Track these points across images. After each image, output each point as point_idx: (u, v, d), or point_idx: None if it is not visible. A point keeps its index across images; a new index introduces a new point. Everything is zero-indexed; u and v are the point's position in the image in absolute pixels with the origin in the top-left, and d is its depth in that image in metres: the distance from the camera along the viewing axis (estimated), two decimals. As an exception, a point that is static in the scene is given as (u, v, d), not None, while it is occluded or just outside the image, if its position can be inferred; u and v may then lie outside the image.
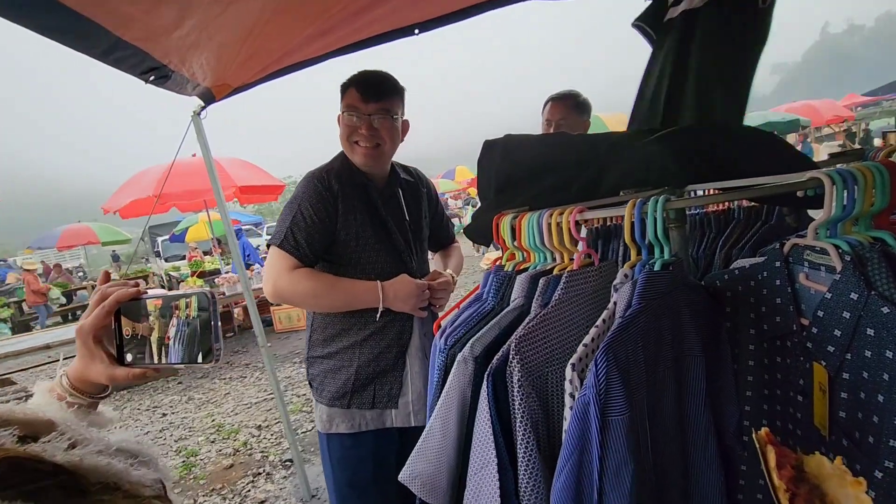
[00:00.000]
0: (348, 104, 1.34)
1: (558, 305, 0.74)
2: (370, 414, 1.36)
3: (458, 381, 0.74)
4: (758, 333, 0.79)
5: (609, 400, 0.57)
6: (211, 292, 0.55)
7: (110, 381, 0.57)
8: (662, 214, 0.70)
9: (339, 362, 1.36)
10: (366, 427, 1.37)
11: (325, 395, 1.38)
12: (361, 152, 1.36)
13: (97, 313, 0.56)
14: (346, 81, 1.37)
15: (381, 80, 1.37)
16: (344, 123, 1.36)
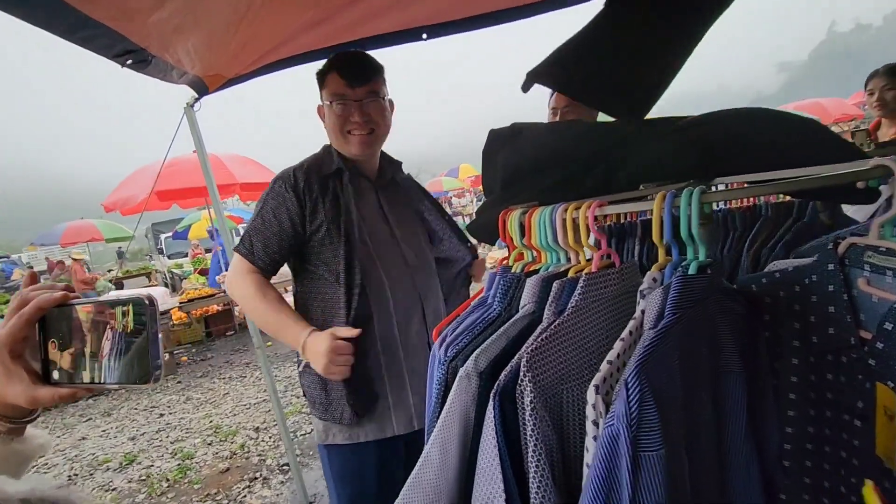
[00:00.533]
0: (334, 92, 1.24)
1: (575, 313, 0.64)
2: (368, 425, 1.25)
3: (460, 399, 0.65)
4: (804, 346, 0.69)
5: (642, 432, 0.47)
6: (150, 297, 0.46)
7: (31, 404, 0.48)
8: (698, 209, 0.60)
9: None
10: (364, 438, 1.25)
11: (317, 406, 1.27)
12: (358, 141, 1.26)
13: (14, 323, 0.47)
14: (323, 68, 1.27)
15: (363, 60, 1.28)
16: (333, 114, 1.25)
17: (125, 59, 1.24)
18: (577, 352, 0.63)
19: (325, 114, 1.29)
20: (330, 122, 1.27)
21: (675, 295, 0.56)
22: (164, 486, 2.86)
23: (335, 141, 1.29)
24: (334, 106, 1.24)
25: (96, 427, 3.97)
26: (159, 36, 1.24)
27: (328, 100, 1.25)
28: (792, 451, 0.73)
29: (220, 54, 1.78)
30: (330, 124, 1.27)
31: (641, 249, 1.24)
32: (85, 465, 3.32)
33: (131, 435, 3.70)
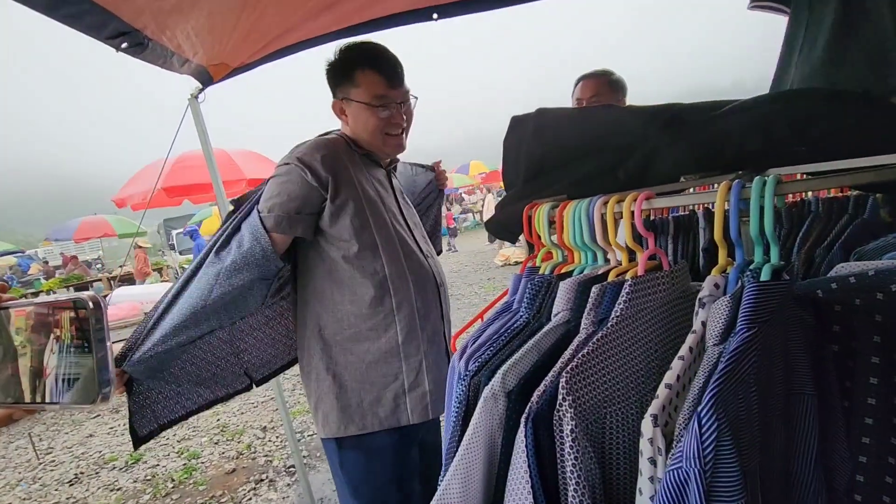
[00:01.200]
0: (375, 94, 1.15)
1: (620, 324, 0.55)
2: (382, 413, 1.17)
3: (485, 424, 0.56)
4: (885, 364, 0.59)
5: (718, 478, 0.38)
6: (95, 298, 0.37)
7: None
8: (772, 201, 0.51)
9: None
10: (380, 426, 1.17)
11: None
12: (396, 143, 1.23)
13: None
14: (348, 62, 1.16)
15: (396, 59, 1.19)
16: (375, 116, 1.16)
17: (119, 41, 1.16)
18: (624, 369, 0.54)
19: (354, 112, 1.19)
20: (368, 124, 1.18)
21: (750, 305, 0.46)
22: (169, 487, 2.81)
23: (369, 140, 1.21)
24: (377, 109, 1.16)
25: (104, 424, 3.94)
26: (154, 16, 1.16)
27: (366, 100, 1.15)
28: (866, 484, 0.63)
29: (225, 41, 1.70)
30: (367, 125, 1.18)
31: (675, 249, 1.14)
32: (91, 463, 3.28)
33: (138, 433, 3.67)
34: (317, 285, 1.18)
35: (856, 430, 0.62)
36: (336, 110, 1.22)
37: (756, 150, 0.78)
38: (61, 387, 0.38)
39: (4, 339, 0.40)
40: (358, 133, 1.21)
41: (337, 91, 1.20)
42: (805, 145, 0.74)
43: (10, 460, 3.46)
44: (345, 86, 1.17)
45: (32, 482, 3.11)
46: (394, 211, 1.25)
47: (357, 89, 1.16)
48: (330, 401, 1.17)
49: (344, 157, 1.18)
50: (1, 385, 0.40)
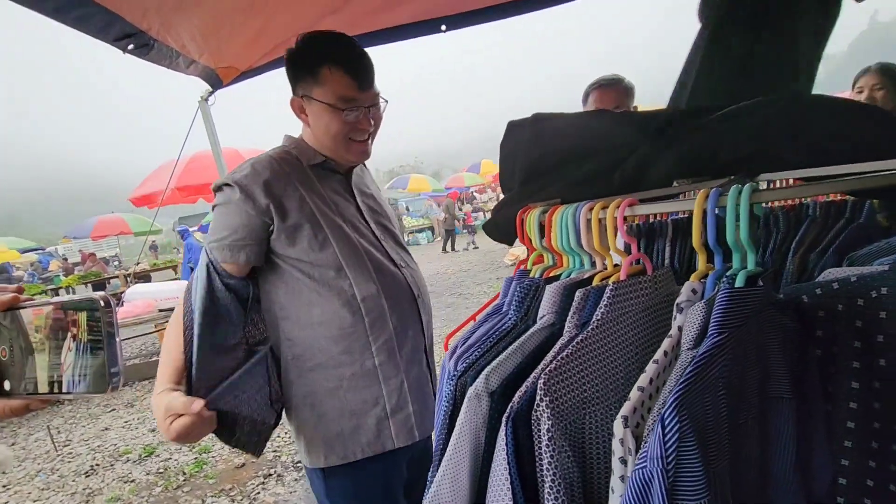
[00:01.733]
0: (341, 95, 1.04)
1: (601, 328, 0.56)
2: (365, 439, 1.09)
3: (470, 421, 0.58)
4: (866, 368, 0.60)
5: (682, 478, 0.40)
6: (106, 298, 0.41)
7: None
8: (747, 209, 0.52)
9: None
10: (363, 454, 1.09)
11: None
12: (360, 149, 1.13)
13: None
14: (310, 58, 1.04)
15: (367, 57, 1.09)
16: (338, 119, 1.06)
17: (126, 43, 1.20)
18: (603, 372, 0.56)
19: (316, 113, 1.07)
20: (331, 127, 1.07)
21: (722, 311, 0.48)
22: (181, 480, 2.88)
23: (331, 145, 1.10)
24: (343, 112, 1.05)
25: (119, 418, 4.04)
26: (158, 14, 1.19)
27: (330, 101, 1.04)
28: (848, 486, 0.64)
29: (231, 43, 1.74)
30: (330, 129, 1.07)
31: (672, 252, 1.15)
32: (107, 455, 3.37)
33: (152, 427, 3.75)
34: (284, 310, 1.08)
35: (837, 433, 0.63)
36: (295, 108, 1.10)
37: (749, 155, 0.78)
38: (75, 378, 0.42)
39: (23, 335, 0.44)
40: (319, 136, 1.10)
41: (297, 87, 1.08)
42: (798, 151, 0.74)
43: (30, 451, 3.57)
44: (306, 82, 1.05)
45: (51, 473, 3.20)
46: (355, 223, 1.14)
47: (321, 88, 1.04)
48: (310, 431, 1.09)
49: (292, 175, 1.08)
50: (19, 378, 0.44)
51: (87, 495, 2.87)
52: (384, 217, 1.25)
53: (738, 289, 0.50)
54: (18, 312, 0.44)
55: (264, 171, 1.04)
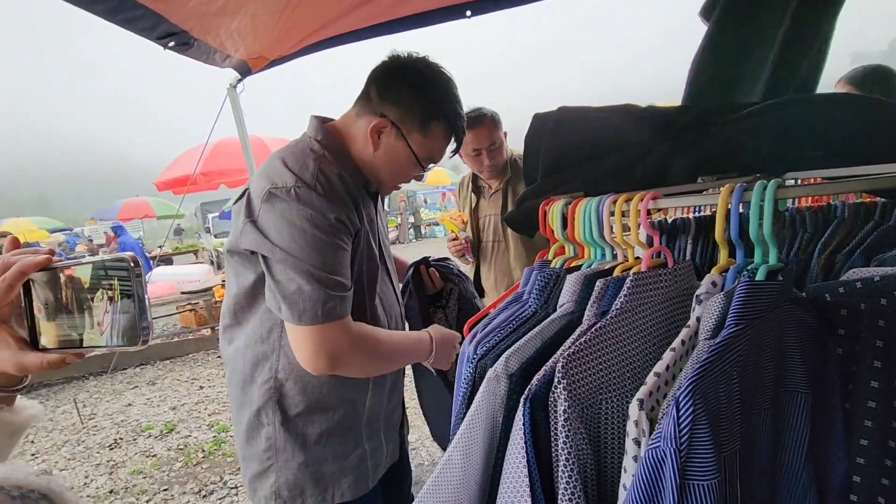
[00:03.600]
0: (431, 157, 1.02)
1: (620, 316, 0.58)
2: (345, 480, 1.00)
3: (487, 402, 0.60)
4: (886, 368, 0.60)
5: (693, 458, 0.41)
6: (134, 258, 0.44)
7: (19, 371, 0.47)
8: (771, 205, 0.53)
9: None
10: (341, 498, 1.00)
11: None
12: (394, 189, 1.10)
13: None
14: (445, 111, 0.98)
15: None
16: (411, 174, 1.04)
17: (167, 41, 1.25)
18: (620, 360, 0.57)
19: (393, 152, 0.97)
20: (397, 173, 1.02)
21: (740, 303, 0.49)
22: (200, 457, 2.97)
23: (380, 180, 1.02)
24: (422, 168, 1.02)
25: (142, 395, 4.18)
26: (199, 18, 1.24)
27: (421, 155, 0.98)
28: (863, 484, 0.64)
29: (265, 38, 1.78)
30: (395, 173, 1.01)
31: (694, 249, 1.15)
32: (129, 430, 3.49)
33: (173, 405, 3.87)
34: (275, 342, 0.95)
35: (855, 432, 0.63)
36: (373, 130, 0.95)
37: (773, 153, 0.78)
38: (109, 333, 0.45)
39: (56, 293, 0.47)
40: (376, 168, 0.99)
41: (392, 110, 0.95)
42: (822, 150, 0.74)
43: (57, 423, 3.71)
44: (411, 120, 0.95)
45: (77, 444, 3.33)
46: (375, 257, 1.03)
47: (422, 138, 0.96)
48: (284, 474, 0.97)
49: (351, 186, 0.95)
50: (54, 334, 0.47)
51: (110, 467, 2.98)
52: (385, 234, 1.16)
53: (758, 282, 0.50)
54: (53, 272, 0.47)
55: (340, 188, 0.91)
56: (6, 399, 0.49)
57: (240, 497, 2.52)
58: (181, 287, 5.32)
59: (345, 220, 0.88)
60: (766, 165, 0.78)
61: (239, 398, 1.01)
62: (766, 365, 0.53)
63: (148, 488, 2.69)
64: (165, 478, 2.79)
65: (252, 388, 0.98)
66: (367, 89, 0.98)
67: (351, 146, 0.99)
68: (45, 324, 0.47)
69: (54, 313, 0.47)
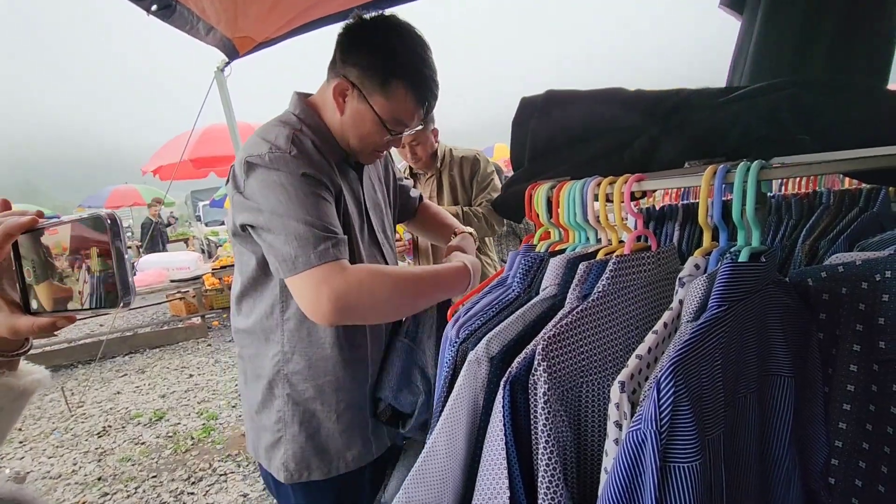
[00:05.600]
0: (398, 118, 0.96)
1: (602, 299, 0.57)
2: (348, 452, 1.01)
3: (468, 386, 0.59)
4: (866, 351, 0.61)
5: (674, 440, 0.41)
6: (112, 216, 0.42)
7: (12, 334, 0.46)
8: (755, 187, 0.52)
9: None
10: (346, 468, 1.01)
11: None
12: (376, 158, 1.07)
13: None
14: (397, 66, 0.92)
15: (438, 83, 0.99)
16: (378, 135, 0.98)
17: (149, 3, 1.21)
18: (602, 343, 0.57)
19: (358, 115, 0.95)
20: (367, 138, 0.98)
21: (723, 284, 0.48)
22: (189, 444, 2.96)
23: (352, 145, 0.99)
24: (390, 133, 0.97)
25: (130, 383, 4.15)
26: None
27: (385, 116, 0.94)
28: (840, 467, 0.65)
29: (248, 13, 1.74)
30: (364, 138, 0.98)
31: (681, 235, 1.15)
32: (118, 418, 3.47)
33: (162, 393, 3.85)
34: (297, 315, 0.96)
35: (834, 415, 0.64)
36: (336, 91, 0.94)
37: (760, 137, 0.78)
38: (90, 295, 0.44)
39: (43, 255, 0.46)
40: (345, 133, 0.98)
41: (352, 71, 0.93)
42: (810, 134, 0.74)
43: (45, 411, 3.69)
44: (369, 79, 0.92)
45: (65, 432, 3.31)
46: (362, 231, 1.04)
47: (382, 99, 0.93)
48: (292, 447, 0.99)
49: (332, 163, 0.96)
50: (43, 296, 0.46)
51: (99, 454, 2.97)
52: (384, 212, 1.15)
53: (741, 263, 0.50)
54: (39, 233, 0.46)
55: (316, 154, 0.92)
56: (7, 364, 0.49)
57: (229, 484, 2.52)
58: (171, 275, 5.26)
59: (322, 179, 0.89)
60: (754, 149, 0.77)
61: (251, 371, 1.04)
62: (749, 348, 0.53)
63: (137, 475, 2.69)
64: (154, 465, 2.78)
65: (263, 362, 1.01)
66: (334, 53, 0.96)
67: (324, 116, 0.99)
68: (36, 287, 0.47)
69: (43, 276, 0.46)
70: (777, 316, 0.58)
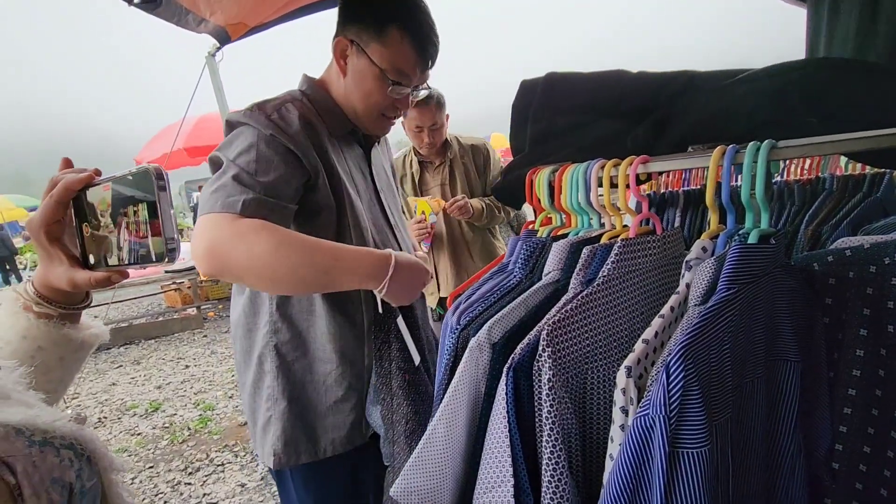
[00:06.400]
0: (399, 68, 0.92)
1: (607, 284, 0.56)
2: (336, 434, 0.99)
3: (470, 372, 0.58)
4: (873, 336, 0.60)
5: (683, 426, 0.40)
6: (158, 170, 0.44)
7: (72, 287, 0.49)
8: (764, 168, 0.51)
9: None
10: (332, 451, 0.99)
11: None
12: (387, 126, 1.05)
13: (46, 204, 0.47)
14: (393, 11, 0.91)
15: (437, 34, 0.96)
16: (382, 92, 0.95)
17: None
18: (607, 328, 0.55)
19: (360, 71, 0.94)
20: (371, 96, 0.95)
21: (732, 266, 0.47)
22: (186, 434, 2.96)
23: (359, 111, 0.98)
24: (391, 87, 0.93)
25: (126, 374, 4.13)
26: None
27: (385, 67, 0.92)
28: (845, 452, 0.64)
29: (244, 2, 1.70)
30: (369, 97, 0.95)
31: (683, 222, 1.14)
32: (114, 409, 3.46)
33: (158, 384, 3.84)
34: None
35: (839, 400, 0.63)
36: (337, 50, 0.94)
37: (767, 120, 0.76)
38: (138, 250, 0.46)
39: (97, 211, 0.48)
40: (350, 96, 0.97)
41: (350, 27, 0.93)
42: (817, 117, 0.72)
43: (40, 403, 3.67)
44: (366, 31, 0.91)
45: (60, 423, 3.29)
46: (372, 208, 1.03)
47: (381, 48, 0.91)
48: (283, 426, 0.97)
49: (321, 130, 0.94)
50: (99, 251, 0.49)
51: (95, 445, 2.96)
52: (395, 194, 1.16)
53: (751, 245, 0.49)
54: (96, 190, 0.48)
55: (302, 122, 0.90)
56: (69, 316, 0.51)
57: (226, 474, 2.52)
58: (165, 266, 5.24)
59: (289, 146, 0.86)
60: (759, 133, 0.75)
61: (244, 350, 1.02)
62: (757, 332, 0.52)
63: (133, 466, 2.68)
64: (151, 455, 2.78)
65: (255, 337, 0.99)
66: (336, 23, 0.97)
67: (331, 90, 0.99)
68: (91, 242, 0.49)
69: (97, 231, 0.48)
70: (784, 300, 0.57)
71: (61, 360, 0.51)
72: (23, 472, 0.33)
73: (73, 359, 0.52)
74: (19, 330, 0.48)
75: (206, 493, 2.39)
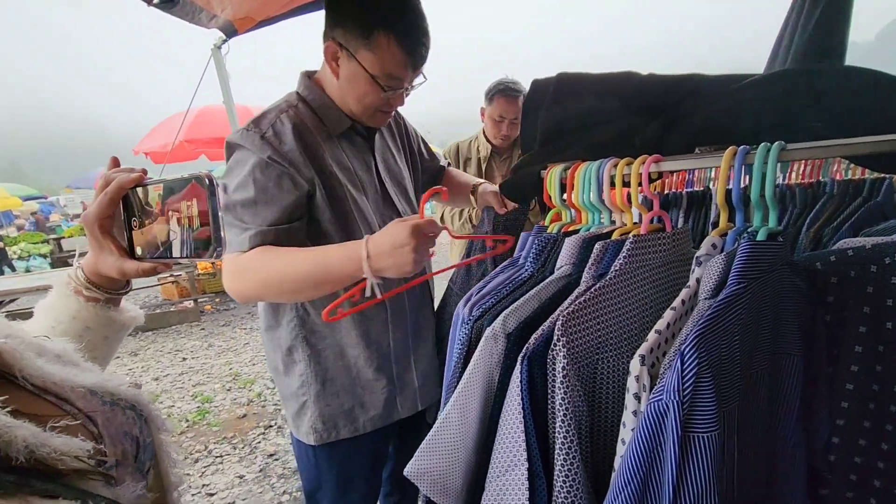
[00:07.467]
0: (389, 73, 0.93)
1: (618, 278, 0.58)
2: (374, 411, 1.06)
3: (484, 361, 0.60)
4: (872, 333, 0.62)
5: (695, 411, 0.42)
6: (209, 176, 0.48)
7: (121, 275, 0.54)
8: (774, 168, 0.53)
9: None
10: (372, 426, 1.06)
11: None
12: (383, 119, 1.05)
13: (100, 200, 0.52)
14: (378, 16, 0.90)
15: (427, 31, 0.95)
16: (375, 92, 0.95)
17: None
18: (618, 320, 0.58)
19: (351, 75, 0.94)
20: (365, 99, 0.96)
21: (743, 262, 0.49)
22: (184, 426, 2.96)
23: (355, 109, 0.99)
24: (384, 89, 0.94)
25: (123, 366, 4.13)
26: None
27: (374, 72, 0.92)
28: (841, 445, 0.67)
29: (253, 0, 1.71)
30: (363, 99, 0.96)
31: (685, 222, 1.16)
32: (111, 399, 3.46)
33: (155, 376, 3.84)
34: None
35: (837, 394, 0.66)
36: (328, 54, 0.95)
37: (772, 124, 0.78)
38: (185, 245, 0.50)
39: (146, 208, 0.53)
40: (345, 98, 0.98)
41: (337, 32, 0.92)
42: (822, 121, 0.74)
43: (36, 392, 3.66)
44: (353, 37, 0.91)
45: (57, 413, 3.29)
46: (377, 198, 1.06)
47: (369, 54, 0.90)
48: (318, 407, 1.03)
49: (316, 137, 0.97)
50: (146, 244, 0.53)
51: (92, 436, 2.96)
52: (403, 178, 1.16)
53: (760, 242, 0.51)
54: (145, 189, 0.52)
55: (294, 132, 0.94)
56: (112, 300, 0.57)
57: (224, 465, 2.53)
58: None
59: (286, 167, 0.91)
60: (765, 136, 0.78)
61: (272, 339, 1.08)
62: (763, 327, 0.54)
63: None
64: (149, 446, 2.78)
65: (279, 332, 1.04)
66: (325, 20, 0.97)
67: (326, 88, 1.01)
68: (139, 235, 0.54)
69: (145, 226, 0.53)
70: (789, 296, 0.59)
71: (105, 339, 0.57)
72: (103, 425, 0.38)
73: (115, 338, 0.58)
74: (70, 311, 0.54)
75: (205, 483, 2.40)
